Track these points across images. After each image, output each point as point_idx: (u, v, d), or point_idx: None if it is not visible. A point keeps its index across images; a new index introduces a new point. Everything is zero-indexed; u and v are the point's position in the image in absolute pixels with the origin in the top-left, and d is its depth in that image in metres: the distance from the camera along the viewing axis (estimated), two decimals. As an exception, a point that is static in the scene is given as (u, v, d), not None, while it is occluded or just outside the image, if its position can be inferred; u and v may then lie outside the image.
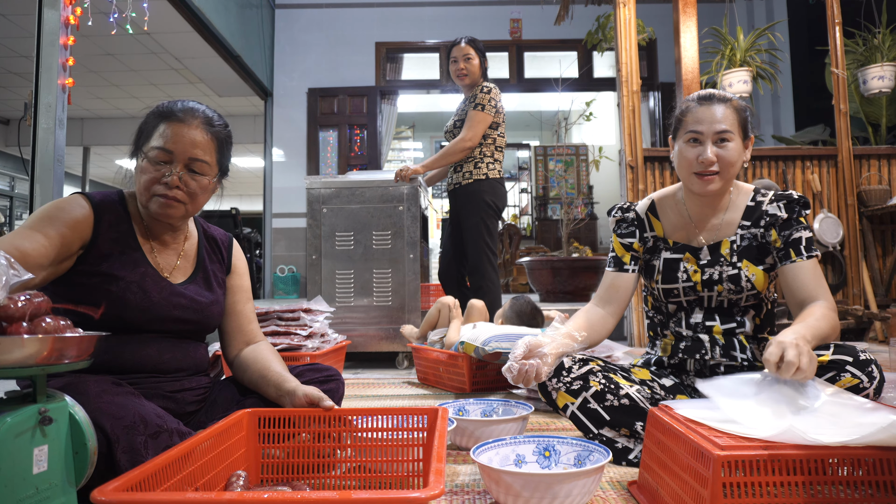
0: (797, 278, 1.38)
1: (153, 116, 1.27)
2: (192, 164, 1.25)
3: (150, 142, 1.24)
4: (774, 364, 1.09)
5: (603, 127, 8.14)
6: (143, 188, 1.23)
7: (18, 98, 7.62)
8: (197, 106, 1.29)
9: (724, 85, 3.78)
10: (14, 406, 0.79)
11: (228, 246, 1.47)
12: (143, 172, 1.23)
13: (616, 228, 1.61)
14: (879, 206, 3.64)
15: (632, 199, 3.60)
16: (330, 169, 6.24)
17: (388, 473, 1.14)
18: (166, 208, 1.24)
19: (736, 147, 1.41)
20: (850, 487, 0.89)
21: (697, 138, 1.42)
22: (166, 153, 1.22)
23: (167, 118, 1.25)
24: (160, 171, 1.22)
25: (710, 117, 1.40)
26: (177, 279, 1.32)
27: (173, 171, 1.23)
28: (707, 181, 1.42)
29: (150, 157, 1.23)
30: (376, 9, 6.33)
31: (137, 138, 1.28)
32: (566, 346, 1.42)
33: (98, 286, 1.19)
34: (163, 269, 1.30)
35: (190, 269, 1.36)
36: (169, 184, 1.22)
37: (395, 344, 3.12)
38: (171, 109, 1.26)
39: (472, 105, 3.02)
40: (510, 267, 6.66)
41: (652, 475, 1.12)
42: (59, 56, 2.77)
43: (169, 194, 1.23)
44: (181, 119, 1.25)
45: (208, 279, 1.38)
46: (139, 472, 0.82)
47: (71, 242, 1.18)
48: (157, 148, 1.22)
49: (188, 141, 1.24)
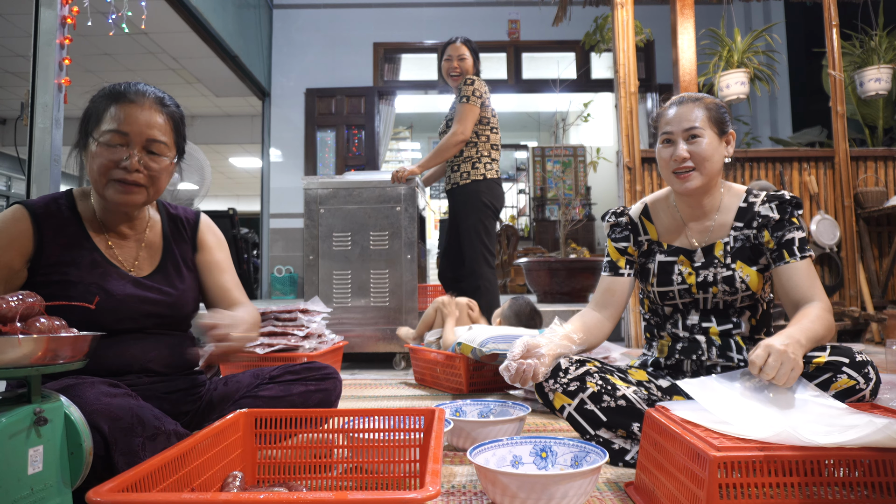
0: (791, 279, 1.39)
1: (101, 99, 1.20)
2: (151, 146, 1.19)
3: (102, 125, 1.17)
4: (759, 367, 1.13)
5: (600, 128, 8.15)
6: (99, 174, 1.17)
7: (15, 98, 7.60)
8: (145, 87, 1.23)
9: (722, 86, 3.79)
10: (9, 406, 0.79)
11: (195, 223, 1.40)
12: (97, 157, 1.17)
13: (611, 233, 1.62)
14: (876, 207, 3.65)
15: (629, 199, 3.60)
16: (327, 169, 6.24)
17: (385, 474, 1.14)
18: (126, 194, 1.19)
19: (709, 142, 1.43)
20: (846, 489, 0.90)
21: (670, 139, 1.46)
22: (121, 135, 1.17)
23: (117, 100, 1.18)
24: (116, 154, 1.17)
25: (680, 117, 1.44)
26: (142, 271, 1.27)
27: (131, 154, 1.17)
28: (684, 178, 1.44)
29: (102, 141, 1.16)
30: (374, 9, 6.33)
31: (84, 124, 1.21)
32: (564, 347, 1.43)
33: (57, 294, 1.15)
34: (124, 263, 1.26)
35: (156, 260, 1.31)
36: (128, 167, 1.17)
37: (393, 345, 3.12)
38: (120, 91, 1.20)
39: (459, 99, 3.01)
40: (508, 268, 6.66)
41: (648, 476, 1.12)
42: (56, 55, 2.77)
43: (129, 178, 1.17)
44: (132, 100, 1.19)
45: (177, 265, 1.33)
46: (134, 472, 0.82)
47: (11, 261, 1.15)
48: (111, 131, 1.16)
49: (143, 122, 1.18)
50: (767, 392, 1.14)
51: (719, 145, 1.45)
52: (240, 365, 2.28)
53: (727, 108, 1.51)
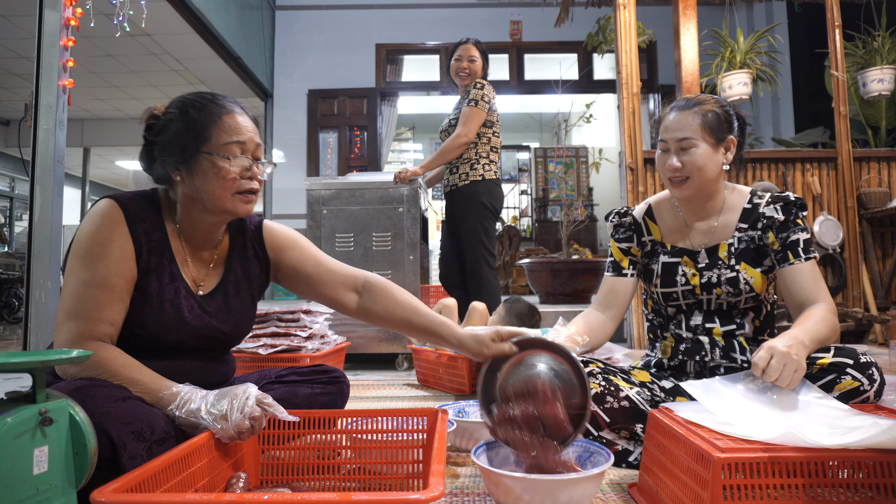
0: (795, 281, 1.39)
1: (199, 112, 1.15)
2: (258, 152, 1.19)
3: (216, 139, 1.14)
4: (761, 369, 1.13)
5: (603, 129, 8.16)
6: (227, 188, 1.14)
7: (19, 99, 7.62)
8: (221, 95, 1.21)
9: (724, 87, 3.79)
10: (14, 406, 0.79)
11: (258, 232, 1.34)
12: (219, 174, 1.13)
13: (614, 233, 1.62)
14: (879, 208, 3.64)
15: (632, 200, 3.60)
16: (330, 170, 6.24)
17: (388, 475, 1.14)
18: (249, 204, 1.18)
19: (703, 152, 1.41)
20: (850, 490, 0.89)
21: (665, 147, 1.46)
22: (241, 146, 1.15)
23: (220, 112, 1.16)
24: (239, 167, 1.15)
25: (673, 126, 1.44)
26: (206, 289, 1.25)
27: (249, 164, 1.16)
28: (678, 186, 1.45)
29: (223, 154, 1.14)
30: (376, 10, 6.34)
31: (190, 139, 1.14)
32: (569, 348, 1.42)
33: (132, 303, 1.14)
34: (195, 281, 1.23)
35: (218, 276, 1.27)
36: (252, 177, 1.16)
37: (395, 345, 3.12)
38: (217, 102, 1.17)
39: (466, 101, 3.02)
40: (510, 269, 6.65)
41: (652, 477, 1.12)
42: (60, 57, 2.77)
43: (255, 188, 1.17)
44: (230, 109, 1.17)
45: (238, 284, 1.29)
46: (139, 473, 0.82)
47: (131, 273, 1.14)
48: (233, 143, 1.14)
49: (250, 128, 1.18)
50: (771, 394, 1.14)
51: (715, 153, 1.43)
52: (245, 364, 2.28)
53: (733, 112, 1.48)
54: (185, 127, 1.15)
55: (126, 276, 1.13)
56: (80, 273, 1.11)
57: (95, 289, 1.10)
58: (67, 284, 1.12)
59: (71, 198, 10.08)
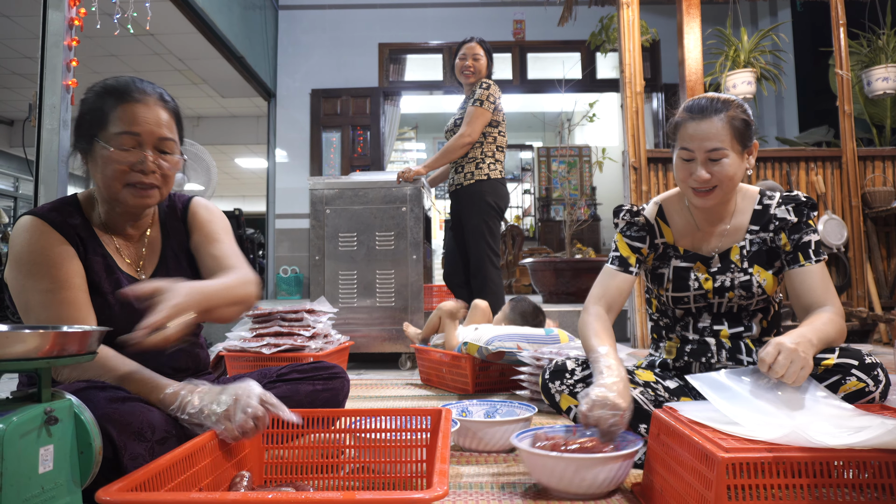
0: (805, 282, 1.37)
1: (100, 98, 1.14)
2: (161, 145, 1.16)
3: (109, 127, 1.12)
4: (768, 365, 1.12)
5: (606, 128, 8.13)
6: (114, 179, 1.13)
7: (23, 99, 7.65)
8: (143, 83, 1.18)
9: (728, 86, 3.78)
10: (20, 406, 0.79)
11: (185, 207, 1.33)
12: (110, 163, 1.12)
13: (625, 230, 1.54)
14: (884, 207, 3.63)
15: (635, 200, 3.59)
16: (333, 170, 6.24)
17: (392, 474, 1.14)
18: (143, 198, 1.15)
19: (731, 161, 1.34)
20: (855, 490, 0.89)
21: (690, 157, 1.36)
22: (133, 137, 1.12)
23: (121, 99, 1.13)
24: (130, 157, 1.12)
25: (701, 135, 1.33)
26: (147, 271, 1.25)
27: (146, 156, 1.13)
28: (703, 196, 1.38)
29: (114, 144, 1.12)
30: (379, 10, 6.33)
31: (86, 126, 1.14)
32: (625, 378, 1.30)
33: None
34: (131, 265, 1.23)
35: (157, 256, 1.27)
36: (144, 170, 1.13)
37: (399, 345, 3.12)
38: (122, 90, 1.14)
39: (472, 101, 3.02)
40: (513, 268, 6.65)
41: (656, 477, 1.11)
42: (64, 57, 2.78)
43: (146, 181, 1.14)
44: (137, 99, 1.14)
45: (177, 258, 1.29)
46: (143, 472, 0.83)
47: (82, 270, 1.13)
48: (123, 133, 1.12)
49: (153, 121, 1.14)
50: (777, 391, 1.13)
51: (741, 161, 1.37)
52: (248, 364, 2.29)
53: (749, 120, 1.39)
54: (90, 111, 1.15)
55: (81, 274, 1.13)
56: (36, 285, 1.09)
57: (60, 292, 1.08)
58: (28, 300, 1.08)
59: (75, 197, 10.09)
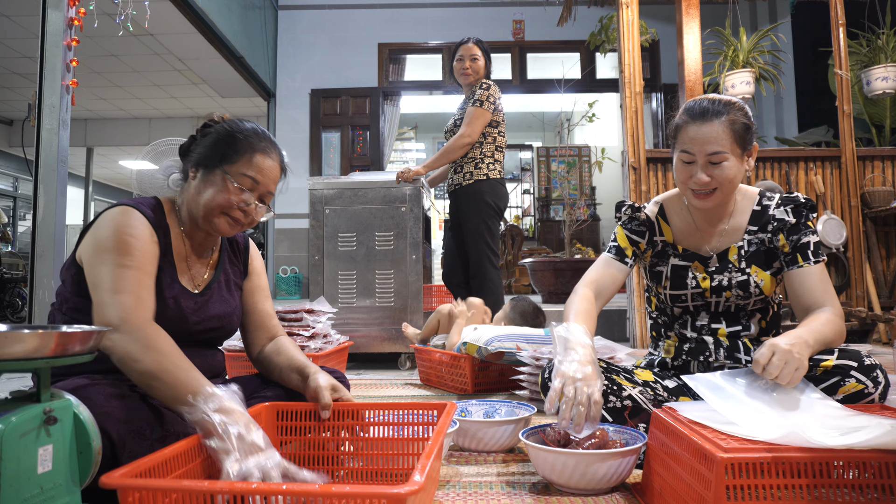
0: (804, 284, 1.37)
1: (240, 140, 1.26)
2: (266, 196, 1.29)
3: (238, 166, 1.24)
4: (762, 366, 1.13)
5: (605, 128, 8.14)
6: (215, 205, 1.23)
7: (22, 99, 7.64)
8: (272, 138, 1.32)
9: (727, 86, 3.78)
10: (19, 406, 0.79)
11: (245, 248, 1.47)
12: (225, 192, 1.23)
13: (627, 223, 1.55)
14: (883, 207, 3.63)
15: (634, 199, 3.59)
16: (332, 170, 6.24)
17: (397, 467, 1.16)
18: (232, 229, 1.27)
19: (731, 164, 1.34)
20: (855, 490, 0.89)
21: (690, 160, 1.37)
22: (253, 182, 1.25)
23: (257, 148, 1.26)
24: (242, 196, 1.24)
25: (702, 138, 1.34)
26: (201, 287, 1.32)
27: (251, 201, 1.25)
28: (703, 198, 1.38)
29: (235, 181, 1.23)
30: (379, 10, 6.33)
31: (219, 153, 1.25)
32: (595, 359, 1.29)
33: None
34: (194, 280, 1.31)
35: (211, 275, 1.36)
36: (247, 211, 1.25)
37: (398, 345, 3.12)
38: (259, 139, 1.27)
39: (471, 102, 3.02)
40: (512, 268, 6.65)
41: (655, 477, 1.12)
42: (63, 57, 2.78)
43: (243, 220, 1.26)
44: (267, 152, 1.28)
45: (228, 284, 1.38)
46: (148, 460, 0.84)
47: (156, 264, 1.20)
48: (249, 177, 1.24)
49: (272, 176, 1.28)
50: (772, 392, 1.13)
51: (741, 164, 1.37)
52: (246, 364, 2.29)
53: (750, 123, 1.39)
54: (224, 141, 1.26)
55: (155, 266, 1.20)
56: (115, 259, 1.13)
57: (134, 270, 1.13)
58: (102, 271, 1.12)
59: (74, 197, 10.10)
